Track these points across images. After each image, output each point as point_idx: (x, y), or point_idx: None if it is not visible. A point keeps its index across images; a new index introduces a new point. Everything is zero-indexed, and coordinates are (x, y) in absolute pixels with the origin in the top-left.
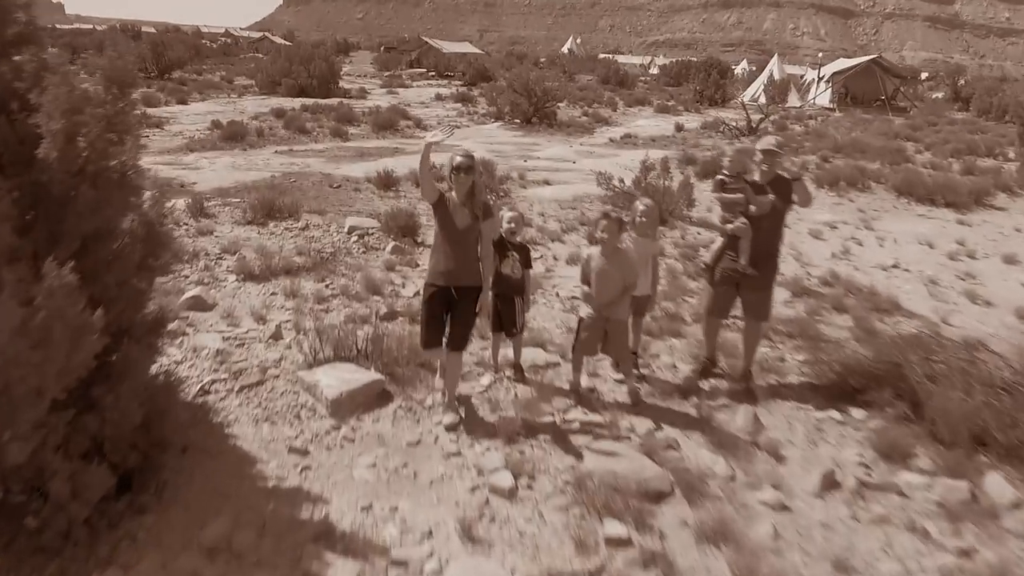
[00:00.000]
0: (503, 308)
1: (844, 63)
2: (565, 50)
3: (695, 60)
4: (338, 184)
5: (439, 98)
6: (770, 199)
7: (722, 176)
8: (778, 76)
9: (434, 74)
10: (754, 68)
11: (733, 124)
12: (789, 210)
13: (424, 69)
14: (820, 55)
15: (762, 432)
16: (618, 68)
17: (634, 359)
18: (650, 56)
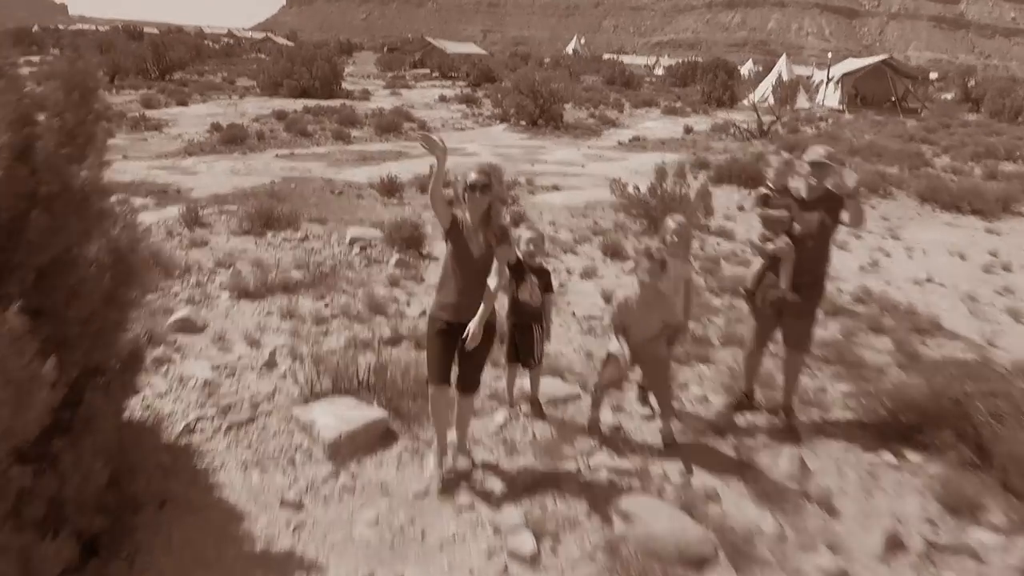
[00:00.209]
0: (520, 338)
1: (853, 63)
2: (569, 50)
3: (701, 61)
4: (340, 190)
5: (443, 99)
6: (817, 217)
7: (765, 190)
8: (787, 77)
9: (438, 75)
10: (760, 69)
11: (744, 126)
12: (837, 230)
13: (428, 70)
14: (829, 55)
15: (810, 478)
16: (623, 69)
17: (675, 396)
18: (655, 56)
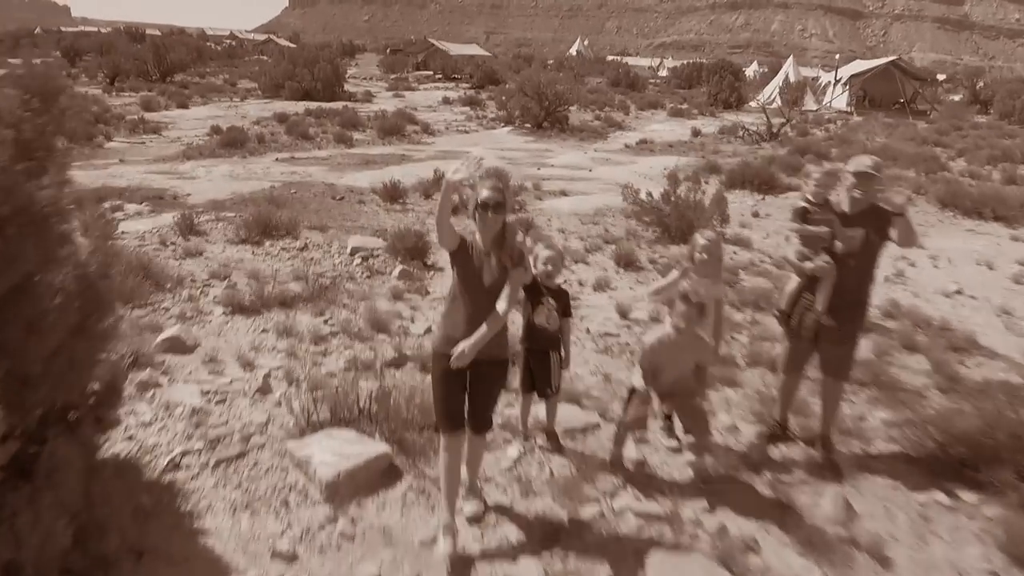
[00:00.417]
0: (536, 365)
1: (861, 65)
2: (573, 52)
3: (706, 62)
4: (341, 196)
5: (447, 101)
6: (861, 234)
7: (804, 203)
8: (793, 78)
9: (441, 77)
10: (765, 70)
11: (753, 128)
12: (884, 248)
13: (431, 72)
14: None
15: (857, 522)
16: (628, 70)
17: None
18: (659, 58)
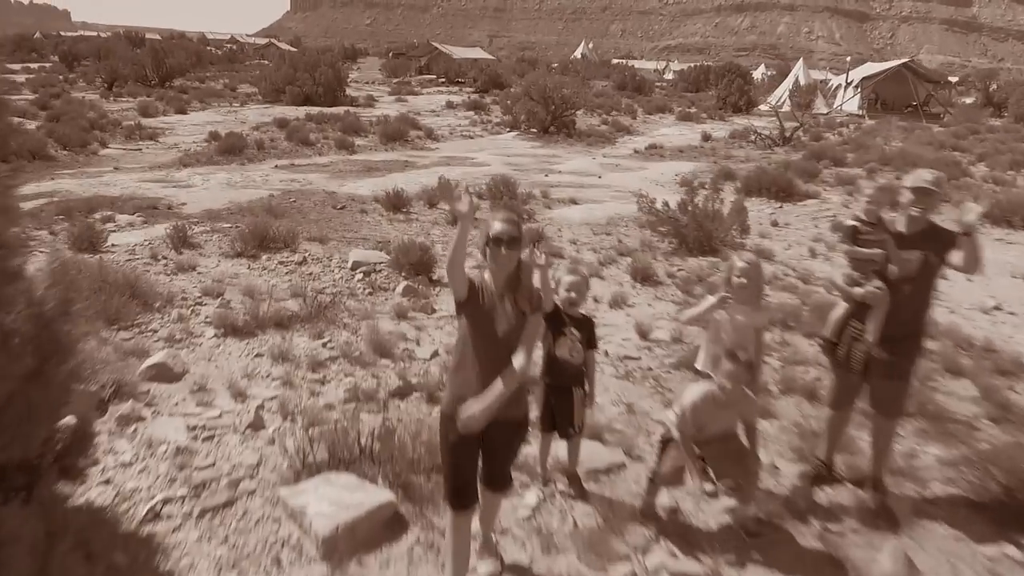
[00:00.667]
0: (557, 402)
1: (873, 67)
2: (578, 55)
3: (712, 65)
4: (342, 205)
5: (450, 106)
6: (918, 257)
7: (855, 222)
8: (804, 81)
9: (444, 80)
10: (773, 73)
11: (765, 133)
12: (942, 272)
13: (434, 76)
14: (848, 59)
15: None
16: (634, 74)
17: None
18: (664, 61)
